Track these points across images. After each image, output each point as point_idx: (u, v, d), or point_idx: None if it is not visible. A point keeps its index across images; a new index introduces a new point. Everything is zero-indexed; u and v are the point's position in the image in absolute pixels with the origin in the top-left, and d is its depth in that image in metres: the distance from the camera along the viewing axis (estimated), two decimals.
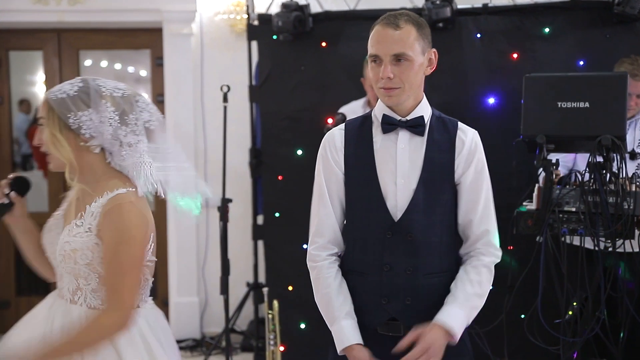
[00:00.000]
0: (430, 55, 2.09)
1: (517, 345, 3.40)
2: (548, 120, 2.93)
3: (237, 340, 4.99)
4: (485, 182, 2.12)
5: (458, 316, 2.03)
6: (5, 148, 5.45)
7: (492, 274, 2.11)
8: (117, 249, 1.84)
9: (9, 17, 5.13)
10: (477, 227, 2.10)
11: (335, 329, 2.08)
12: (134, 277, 1.88)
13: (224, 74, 5.02)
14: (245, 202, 4.77)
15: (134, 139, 1.91)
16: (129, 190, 1.89)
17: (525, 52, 3.83)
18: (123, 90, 1.94)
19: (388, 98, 2.07)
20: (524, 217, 2.94)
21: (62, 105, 1.87)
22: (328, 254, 2.15)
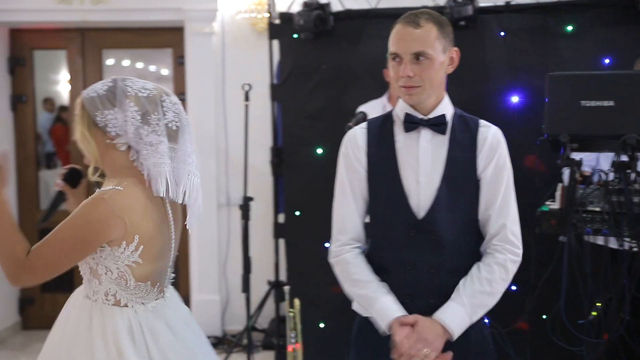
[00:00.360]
0: (451, 54, 2.09)
1: (539, 346, 3.38)
2: (572, 119, 2.90)
3: (259, 338, 5.00)
4: (505, 178, 2.09)
5: (458, 314, 2.01)
6: (29, 146, 5.52)
7: (509, 271, 2.07)
8: (64, 227, 1.88)
9: (34, 17, 5.19)
10: (495, 222, 2.08)
11: (379, 306, 2.04)
12: (55, 257, 1.89)
13: (245, 72, 5.03)
14: (267, 201, 4.78)
15: (155, 138, 1.95)
16: (114, 189, 1.91)
17: (548, 50, 3.79)
18: (149, 91, 1.98)
19: (408, 97, 2.07)
20: (547, 217, 2.91)
21: (92, 103, 1.96)
22: (351, 248, 2.14)
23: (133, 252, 1.93)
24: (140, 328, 1.96)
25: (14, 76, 5.45)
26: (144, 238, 1.95)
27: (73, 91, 5.53)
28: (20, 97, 5.45)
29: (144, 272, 1.98)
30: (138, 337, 1.95)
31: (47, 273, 1.91)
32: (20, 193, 5.53)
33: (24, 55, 5.43)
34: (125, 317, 1.96)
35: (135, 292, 1.99)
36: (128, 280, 1.97)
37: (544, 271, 3.01)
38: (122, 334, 1.93)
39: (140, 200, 1.95)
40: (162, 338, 1.98)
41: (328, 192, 4.22)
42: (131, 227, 1.91)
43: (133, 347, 1.93)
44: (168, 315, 2.06)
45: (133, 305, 1.99)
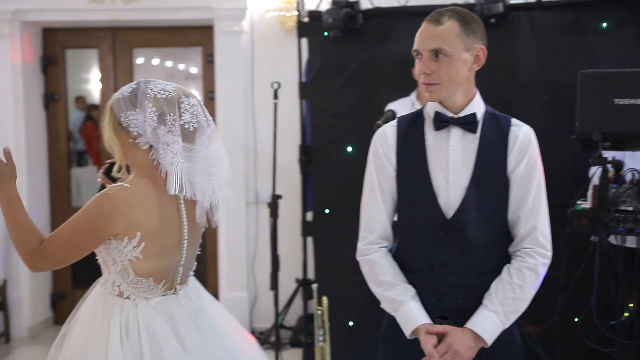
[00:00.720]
0: (477, 52, 2.05)
1: (569, 347, 3.34)
2: (604, 117, 2.87)
3: (286, 335, 5.01)
4: (536, 178, 2.07)
5: (492, 322, 2.00)
6: (61, 144, 5.59)
7: (540, 275, 2.06)
8: (75, 220, 2.01)
9: (66, 17, 5.26)
10: (525, 223, 2.06)
11: (403, 311, 2.04)
12: (64, 248, 2.01)
13: (274, 71, 5.04)
14: (295, 199, 4.79)
15: (170, 138, 2.04)
16: (121, 185, 2.02)
17: (580, 47, 3.75)
18: (168, 92, 2.07)
19: (429, 94, 2.06)
20: (578, 216, 2.88)
21: (117, 105, 2.08)
22: (379, 247, 2.14)
23: (135, 247, 2.02)
24: (137, 322, 2.04)
25: (47, 75, 5.52)
26: (147, 235, 2.03)
27: (104, 90, 5.59)
28: (53, 96, 5.52)
29: (145, 268, 2.06)
30: (133, 330, 2.03)
31: (60, 260, 2.04)
32: (52, 191, 5.60)
33: (56, 55, 5.50)
34: (125, 309, 2.05)
35: (137, 286, 2.07)
36: (129, 274, 2.06)
37: (574, 271, 2.98)
38: (113, 326, 2.02)
39: (146, 198, 2.04)
40: (159, 335, 2.03)
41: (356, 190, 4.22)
42: (133, 223, 2.00)
43: (119, 341, 2.00)
44: (175, 312, 2.11)
45: (135, 299, 2.07)
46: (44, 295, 5.54)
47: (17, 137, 5.18)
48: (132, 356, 1.99)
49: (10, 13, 5.09)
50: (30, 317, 5.29)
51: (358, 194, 2.26)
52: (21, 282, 5.23)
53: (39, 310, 5.44)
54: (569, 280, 2.99)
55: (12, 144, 5.11)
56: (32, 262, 2.01)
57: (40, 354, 4.93)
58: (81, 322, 2.10)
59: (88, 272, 5.75)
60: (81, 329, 2.08)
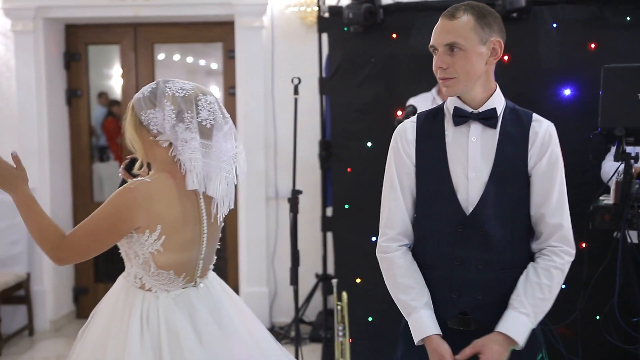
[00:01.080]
0: (493, 45, 2.04)
1: (591, 344, 3.31)
2: (627, 112, 2.83)
3: (306, 330, 5.03)
4: (559, 175, 2.05)
5: (524, 325, 2.00)
6: (84, 139, 5.64)
7: (565, 274, 2.05)
8: (97, 214, 2.07)
9: (88, 13, 5.30)
10: (550, 221, 2.04)
11: (415, 319, 2.05)
12: (87, 240, 2.07)
13: (294, 66, 5.05)
14: (315, 194, 4.80)
15: (188, 135, 2.10)
16: (142, 180, 2.08)
17: (603, 42, 3.70)
18: (186, 91, 2.13)
19: (446, 89, 2.06)
20: (600, 212, 2.85)
21: (138, 104, 2.15)
22: (399, 245, 2.13)
23: (155, 240, 2.07)
24: (157, 313, 2.08)
25: (69, 71, 5.57)
26: (167, 228, 2.08)
27: (126, 85, 5.63)
28: (75, 92, 5.57)
29: (166, 261, 2.11)
30: (153, 320, 2.07)
31: (83, 253, 2.10)
32: (74, 186, 5.66)
33: (78, 51, 5.55)
34: (147, 300, 2.11)
35: (158, 278, 2.12)
36: (150, 267, 2.10)
37: (596, 268, 2.95)
38: (134, 315, 2.07)
39: (166, 192, 2.09)
40: (177, 326, 2.07)
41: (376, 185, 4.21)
42: (153, 216, 2.05)
43: (140, 329, 2.05)
44: (195, 305, 2.15)
45: (156, 291, 2.12)
46: (67, 289, 5.60)
47: (40, 132, 5.24)
48: (151, 345, 2.03)
49: (33, 10, 5.15)
50: (53, 310, 5.36)
51: (378, 189, 2.25)
52: (44, 276, 5.30)
53: (62, 304, 5.50)
54: (591, 277, 2.96)
55: (35, 140, 5.19)
56: (56, 255, 2.06)
57: (63, 347, 4.99)
58: (102, 313, 2.16)
59: (110, 266, 5.86)
60: (102, 320, 2.13)
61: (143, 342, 2.02)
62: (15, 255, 5.19)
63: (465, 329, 2.06)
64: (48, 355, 4.81)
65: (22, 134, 5.24)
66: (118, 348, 2.02)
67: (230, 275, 5.47)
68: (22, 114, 5.24)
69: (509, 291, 2.04)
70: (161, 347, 2.02)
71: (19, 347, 4.98)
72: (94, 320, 2.18)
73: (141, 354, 2.00)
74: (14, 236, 5.19)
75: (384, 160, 2.21)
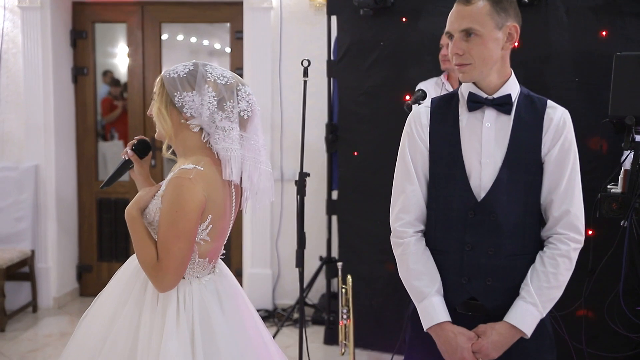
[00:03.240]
0: (509, 30, 2.03)
1: (595, 331, 3.33)
2: (638, 100, 2.82)
3: (309, 313, 5.04)
4: (571, 161, 2.04)
5: (532, 315, 2.01)
6: (90, 117, 5.63)
7: (572, 261, 2.05)
8: (167, 218, 1.99)
9: None
10: (558, 207, 2.04)
11: (425, 305, 2.06)
12: (178, 247, 1.98)
13: (302, 48, 5.04)
14: (320, 177, 4.80)
15: (228, 124, 2.06)
16: (195, 168, 2.01)
17: (615, 29, 3.68)
18: (227, 79, 2.08)
19: (462, 75, 2.05)
20: (608, 201, 2.86)
21: (172, 84, 2.07)
22: (415, 231, 2.12)
23: (204, 230, 2.05)
24: (192, 299, 2.06)
25: (76, 49, 5.55)
26: (215, 217, 2.05)
27: (132, 64, 5.61)
28: (82, 70, 5.55)
29: (207, 249, 2.09)
30: (188, 306, 2.04)
31: (180, 266, 2.01)
32: (79, 164, 5.66)
33: (85, 28, 5.53)
34: (182, 289, 2.06)
35: (194, 267, 2.09)
36: (194, 257, 2.07)
37: (602, 256, 2.96)
38: (171, 306, 2.02)
39: (216, 181, 2.06)
40: (209, 312, 2.06)
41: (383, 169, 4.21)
42: (208, 205, 2.02)
43: (176, 318, 2.01)
44: (219, 288, 2.14)
45: (189, 279, 2.09)
46: (71, 267, 5.62)
47: (46, 109, 5.23)
48: (186, 326, 2.01)
49: None
50: (56, 287, 5.38)
51: (383, 173, 2.25)
52: (49, 253, 5.31)
53: (65, 282, 5.52)
54: (596, 265, 2.96)
55: (41, 117, 5.19)
56: (156, 278, 2.00)
57: (66, 324, 5.01)
58: (133, 300, 2.09)
59: (114, 245, 5.87)
60: (132, 307, 2.07)
61: (179, 323, 2.00)
62: (20, 232, 5.21)
63: (474, 314, 2.07)
64: (51, 332, 4.84)
65: (28, 110, 5.23)
66: (154, 333, 1.99)
67: (234, 256, 5.48)
68: (28, 90, 5.23)
69: (519, 277, 2.04)
70: (194, 330, 2.01)
71: (22, 323, 5.00)
72: (101, 305, 2.15)
73: (177, 335, 1.98)
74: (19, 213, 5.20)
75: (391, 144, 2.20)
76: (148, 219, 2.07)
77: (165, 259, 1.98)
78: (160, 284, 2.00)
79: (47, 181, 5.29)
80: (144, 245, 2.01)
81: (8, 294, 5.02)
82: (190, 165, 2.01)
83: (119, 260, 5.70)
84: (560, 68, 3.79)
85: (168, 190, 2.00)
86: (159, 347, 1.96)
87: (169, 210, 1.98)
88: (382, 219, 2.21)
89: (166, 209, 1.99)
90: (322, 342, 4.59)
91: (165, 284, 2.00)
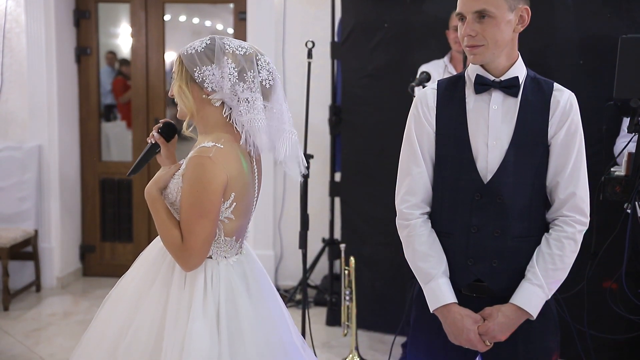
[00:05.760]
0: (521, 12, 2.03)
1: (598, 314, 3.34)
2: None
3: (311, 294, 5.07)
4: (577, 144, 2.05)
5: (538, 297, 2.02)
6: (93, 98, 5.62)
7: (578, 243, 2.06)
8: (189, 198, 1.98)
9: None
10: (564, 189, 2.05)
11: (432, 286, 2.07)
12: (202, 226, 1.97)
13: (306, 29, 5.02)
14: (323, 159, 4.80)
15: (250, 95, 2.02)
16: (215, 145, 1.99)
17: (620, 11, 3.66)
18: (245, 49, 2.05)
19: (473, 56, 2.03)
20: (612, 184, 2.85)
21: (190, 60, 2.04)
22: (421, 213, 2.13)
23: (227, 208, 2.03)
24: (219, 278, 2.05)
25: (79, 29, 5.53)
26: (238, 195, 2.04)
27: (135, 44, 5.59)
28: (85, 50, 5.54)
29: (233, 228, 2.08)
30: (215, 285, 2.04)
31: (205, 244, 2.00)
32: (82, 144, 5.66)
33: (89, 8, 5.50)
34: (209, 269, 2.06)
35: (222, 246, 2.08)
36: (218, 235, 2.06)
37: (605, 238, 2.96)
38: (198, 285, 2.02)
39: (236, 158, 2.04)
40: (235, 292, 2.06)
41: (385, 152, 4.22)
42: (230, 183, 2.00)
43: (203, 299, 2.01)
44: (246, 270, 2.14)
45: (217, 258, 2.08)
46: (74, 247, 5.64)
47: (50, 89, 5.23)
48: (213, 305, 2.01)
49: None
50: (59, 267, 5.40)
51: (387, 155, 2.26)
52: (52, 233, 5.33)
53: (69, 262, 5.55)
54: (599, 247, 2.97)
55: (44, 97, 5.18)
56: (181, 259, 2.00)
57: (69, 303, 5.05)
58: (160, 281, 2.08)
59: (117, 226, 5.88)
60: (159, 288, 2.07)
61: (206, 304, 2.00)
62: (24, 211, 5.23)
63: (480, 295, 2.08)
64: (55, 311, 4.87)
65: (32, 90, 5.23)
66: (181, 313, 1.99)
67: None
68: (31, 70, 5.22)
69: (524, 259, 2.06)
70: (219, 311, 2.01)
71: (26, 302, 5.03)
72: (125, 287, 2.14)
73: (204, 315, 1.98)
74: (23, 192, 5.22)
75: (394, 126, 2.20)
76: (170, 199, 2.06)
77: (189, 239, 1.97)
78: (186, 264, 2.00)
79: (51, 161, 5.29)
80: (167, 226, 2.01)
81: (12, 273, 5.05)
82: (210, 143, 1.99)
83: (122, 240, 5.72)
84: (565, 51, 3.78)
85: (188, 170, 1.99)
86: (185, 327, 1.96)
87: (190, 190, 1.97)
88: (385, 201, 2.22)
89: (187, 188, 1.98)
90: (325, 324, 4.62)
91: (191, 263, 2.00)
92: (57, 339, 4.37)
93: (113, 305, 2.13)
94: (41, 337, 4.39)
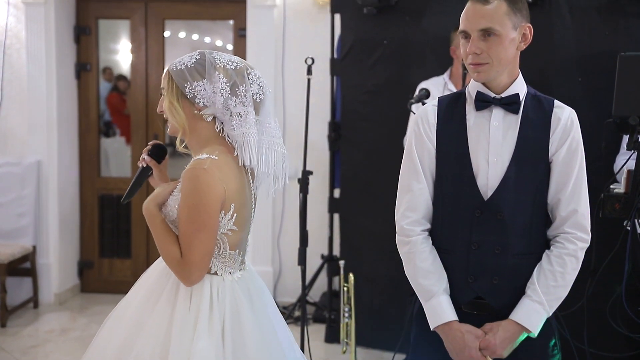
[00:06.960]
0: (524, 30, 2.04)
1: (597, 331, 3.32)
2: None
3: (310, 311, 5.05)
4: (578, 161, 2.05)
5: (538, 314, 2.02)
6: (92, 113, 5.63)
7: (579, 260, 2.06)
8: (186, 211, 1.96)
9: None
10: (565, 207, 2.05)
11: (433, 304, 2.06)
12: (200, 239, 1.96)
13: (306, 46, 5.04)
14: (322, 175, 4.80)
15: (242, 109, 2.03)
16: (209, 157, 1.97)
17: (619, 29, 3.68)
18: (236, 63, 2.06)
19: (477, 74, 2.04)
20: (611, 201, 2.85)
21: (181, 75, 2.03)
22: (422, 229, 2.12)
23: (229, 220, 2.02)
24: (225, 295, 2.03)
25: (79, 45, 5.55)
26: (237, 205, 2.03)
27: (135, 61, 5.61)
28: (85, 66, 5.55)
29: (236, 240, 2.07)
30: (221, 301, 2.02)
31: (204, 258, 1.99)
32: (81, 160, 5.66)
33: (89, 24, 5.53)
34: (215, 285, 2.04)
35: (228, 261, 2.07)
36: (222, 249, 2.05)
37: (604, 256, 2.96)
38: (204, 303, 2.00)
39: (232, 168, 2.03)
40: (240, 309, 2.04)
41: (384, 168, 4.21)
42: (229, 194, 1.99)
43: (209, 316, 1.99)
44: (250, 286, 2.13)
45: (222, 274, 2.07)
46: (72, 263, 5.63)
47: (49, 105, 5.24)
48: (219, 320, 1.99)
49: None
50: (57, 283, 5.38)
51: (386, 172, 2.26)
52: (50, 249, 5.32)
53: (67, 278, 5.53)
54: (599, 264, 2.96)
55: (44, 112, 5.20)
56: (182, 274, 1.98)
57: (67, 320, 5.02)
58: (164, 300, 2.05)
59: (115, 242, 5.86)
60: (164, 306, 2.04)
61: (212, 321, 1.98)
62: (22, 227, 5.21)
63: (480, 313, 2.07)
64: (52, 328, 4.84)
65: (31, 106, 5.24)
66: (186, 330, 1.96)
67: None
68: (31, 86, 5.23)
69: (525, 276, 2.05)
70: (224, 328, 1.99)
71: (23, 318, 5.01)
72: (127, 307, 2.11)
73: (209, 333, 1.96)
74: (21, 208, 5.21)
75: (393, 142, 2.20)
76: (170, 217, 2.05)
77: (189, 254, 1.96)
78: (187, 279, 1.98)
79: (50, 177, 5.29)
80: (166, 242, 2.00)
81: (9, 289, 5.02)
82: (205, 155, 1.98)
83: (121, 256, 5.71)
84: (564, 68, 3.79)
85: (184, 183, 1.98)
86: (190, 345, 1.94)
87: (186, 203, 1.96)
88: (385, 217, 2.21)
89: (183, 202, 1.97)
90: (324, 341, 4.60)
91: (192, 278, 1.98)
92: (55, 355, 4.34)
93: (115, 323, 2.10)
94: (38, 354, 4.36)
